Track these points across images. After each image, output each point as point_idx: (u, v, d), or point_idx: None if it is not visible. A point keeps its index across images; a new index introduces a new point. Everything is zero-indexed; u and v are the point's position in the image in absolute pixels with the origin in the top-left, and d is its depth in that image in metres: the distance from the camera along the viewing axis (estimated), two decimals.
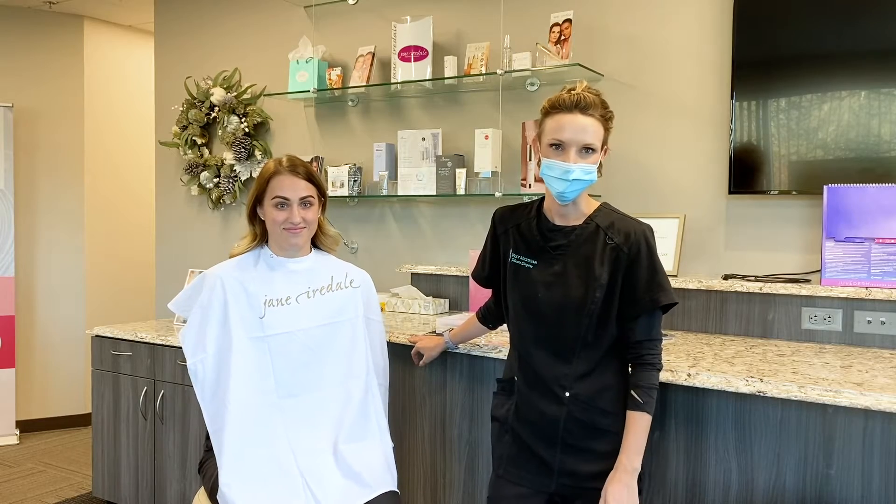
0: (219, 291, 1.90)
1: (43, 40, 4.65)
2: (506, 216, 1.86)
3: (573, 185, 1.64)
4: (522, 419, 1.78)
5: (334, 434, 1.92)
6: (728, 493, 1.90)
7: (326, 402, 1.93)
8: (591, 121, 1.63)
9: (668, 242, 2.61)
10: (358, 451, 1.92)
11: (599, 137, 1.65)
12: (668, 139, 2.75)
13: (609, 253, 1.67)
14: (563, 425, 1.71)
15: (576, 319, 1.69)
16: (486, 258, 1.92)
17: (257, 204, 1.95)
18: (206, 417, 1.87)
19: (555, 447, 1.73)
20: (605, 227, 1.70)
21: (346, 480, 1.86)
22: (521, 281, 1.77)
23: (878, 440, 1.72)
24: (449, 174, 3.01)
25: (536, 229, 1.77)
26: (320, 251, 2.06)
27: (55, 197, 4.70)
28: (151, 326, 3.12)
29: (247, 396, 1.85)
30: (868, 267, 2.30)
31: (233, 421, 1.83)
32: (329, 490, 1.83)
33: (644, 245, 1.66)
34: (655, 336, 1.70)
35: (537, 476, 1.75)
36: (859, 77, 2.36)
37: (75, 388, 4.75)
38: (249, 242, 1.99)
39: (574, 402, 1.70)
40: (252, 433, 1.84)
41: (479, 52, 3.02)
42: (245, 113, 3.68)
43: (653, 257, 1.67)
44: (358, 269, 2.09)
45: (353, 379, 1.97)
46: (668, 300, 1.66)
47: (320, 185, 1.96)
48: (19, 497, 3.54)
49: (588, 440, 1.70)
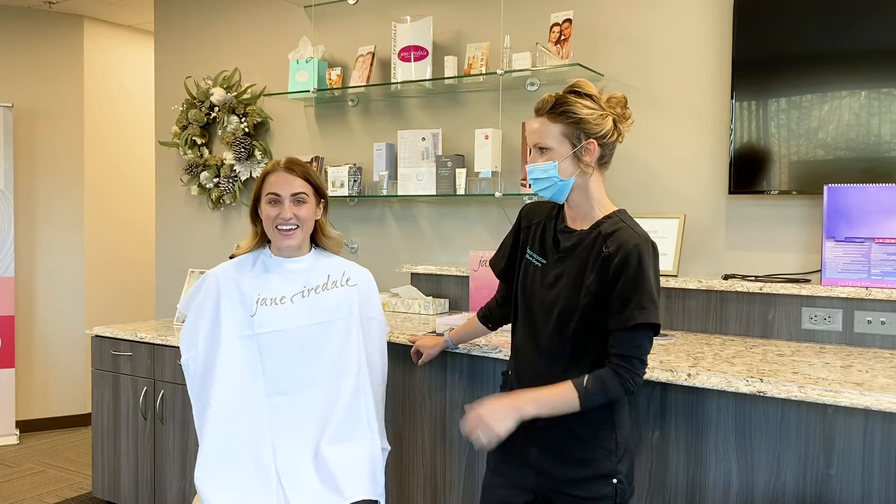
0: (213, 290, 1.95)
1: (43, 40, 4.65)
2: (532, 212, 1.86)
3: (535, 184, 1.68)
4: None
5: (319, 434, 1.93)
6: (728, 493, 1.90)
7: (314, 402, 1.94)
8: (540, 121, 1.66)
9: (668, 242, 2.61)
10: (340, 453, 1.92)
11: (551, 136, 1.64)
12: (668, 139, 2.75)
13: (601, 261, 1.63)
14: (543, 425, 1.67)
15: (564, 323, 1.67)
16: (506, 250, 1.91)
17: (257, 203, 1.97)
18: (194, 413, 1.93)
19: (534, 446, 1.72)
20: (606, 234, 1.66)
21: (322, 487, 1.87)
22: (528, 278, 1.78)
23: (878, 440, 1.72)
24: (449, 174, 3.01)
25: (553, 229, 1.77)
26: (321, 250, 2.06)
27: (55, 197, 4.70)
28: (151, 326, 3.12)
29: (232, 393, 1.89)
30: (868, 267, 2.30)
31: (214, 417, 1.87)
32: (303, 493, 1.85)
33: (634, 259, 1.58)
34: (633, 354, 1.59)
35: (518, 471, 1.76)
36: (859, 77, 2.36)
37: (75, 388, 4.76)
38: (251, 241, 2.02)
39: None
40: (233, 430, 1.88)
41: (479, 52, 3.02)
42: (245, 113, 3.68)
43: (641, 273, 1.58)
44: (359, 267, 2.08)
45: (343, 378, 1.97)
46: (644, 320, 1.56)
47: (318, 185, 1.96)
48: (19, 497, 3.54)
49: (565, 444, 1.68)
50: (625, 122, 1.69)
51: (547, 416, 1.61)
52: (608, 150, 1.68)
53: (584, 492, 1.66)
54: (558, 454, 1.69)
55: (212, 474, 1.85)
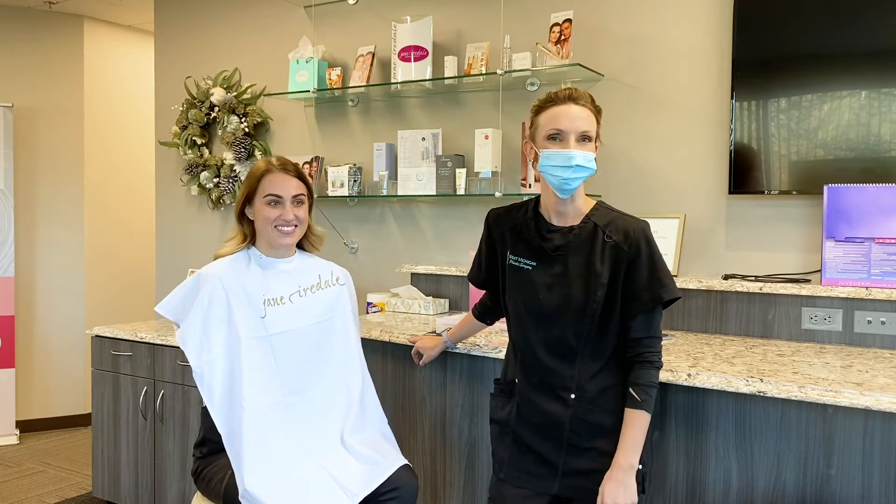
0: (220, 292, 1.89)
1: (43, 40, 4.65)
2: (500, 217, 1.85)
3: (576, 171, 1.63)
4: (525, 421, 1.78)
5: (340, 427, 1.96)
6: (728, 493, 1.90)
7: (330, 398, 1.97)
8: (585, 111, 1.67)
9: (668, 242, 2.61)
10: (363, 439, 1.97)
11: (594, 127, 1.68)
12: (668, 139, 2.75)
13: (609, 251, 1.67)
14: (569, 427, 1.71)
15: (578, 320, 1.69)
16: (482, 261, 1.91)
17: (247, 203, 1.96)
18: (216, 420, 1.83)
19: (560, 449, 1.73)
20: (604, 225, 1.70)
21: (363, 465, 1.90)
22: (522, 283, 1.77)
23: (878, 440, 1.72)
24: (449, 174, 3.01)
25: (535, 230, 1.76)
26: (303, 251, 2.09)
27: (55, 197, 4.70)
28: (151, 326, 3.12)
29: (259, 396, 1.86)
30: (868, 267, 2.30)
31: (250, 421, 1.81)
32: (351, 475, 1.87)
33: (644, 242, 1.67)
34: (654, 333, 1.69)
35: (540, 478, 1.75)
36: (859, 77, 2.36)
37: (75, 388, 4.75)
38: (239, 243, 1.99)
39: (579, 403, 1.71)
40: (269, 433, 1.85)
41: (479, 52, 3.02)
42: (245, 113, 3.68)
43: (653, 254, 1.68)
44: (339, 266, 2.14)
45: (350, 372, 2.03)
46: (671, 295, 1.67)
47: (310, 185, 2.00)
48: (19, 497, 3.54)
49: (593, 440, 1.71)
50: None
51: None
52: None
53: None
54: (586, 451, 1.71)
55: (263, 480, 1.77)
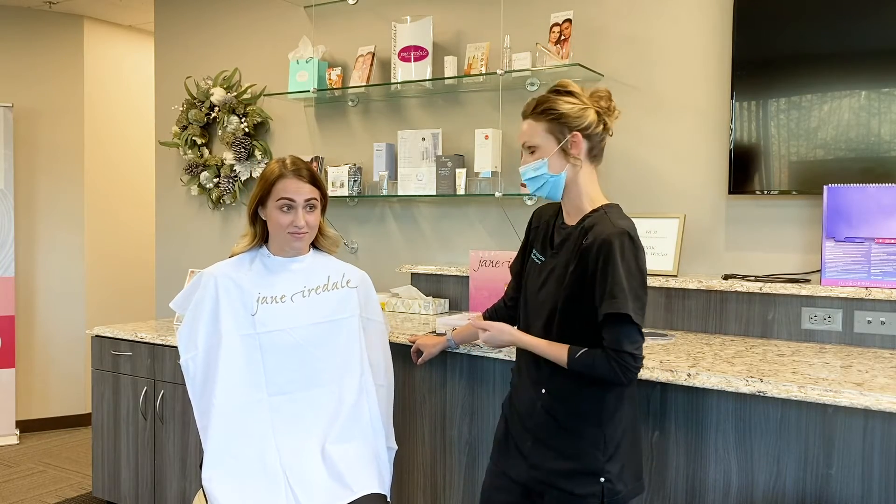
0: (210, 290, 1.93)
1: (43, 40, 4.65)
2: (541, 212, 1.90)
3: (530, 184, 1.74)
4: (513, 407, 1.84)
5: (324, 433, 1.93)
6: (728, 493, 1.90)
7: (318, 401, 1.94)
8: (527, 123, 1.72)
9: (668, 242, 2.61)
10: (345, 452, 1.92)
11: (537, 135, 1.69)
12: (668, 139, 2.75)
13: (581, 255, 1.64)
14: (535, 419, 1.74)
15: (549, 317, 1.71)
16: (520, 252, 1.97)
17: (259, 205, 1.96)
18: (195, 414, 1.90)
19: (527, 438, 1.76)
20: (588, 228, 1.67)
21: (331, 481, 1.87)
22: (530, 275, 1.83)
23: (878, 440, 1.72)
24: (449, 174, 3.01)
25: (553, 227, 1.80)
26: (319, 251, 2.07)
27: (55, 197, 4.70)
28: (151, 326, 3.12)
29: (234, 393, 1.87)
30: (868, 267, 2.30)
31: (218, 417, 1.85)
32: (311, 489, 1.84)
33: (604, 250, 1.58)
34: (621, 347, 1.57)
35: (513, 463, 1.79)
36: (859, 77, 2.36)
37: (75, 388, 4.75)
38: (249, 242, 2.01)
39: (546, 399, 1.72)
40: (237, 430, 1.87)
41: (479, 52, 3.02)
42: (245, 113, 3.68)
43: (613, 264, 1.57)
44: (357, 269, 2.09)
45: (347, 379, 1.98)
46: (613, 310, 1.55)
47: (323, 188, 1.98)
48: (19, 497, 3.54)
49: (556, 438, 1.71)
50: (611, 115, 1.71)
51: (535, 353, 1.72)
52: (595, 142, 1.71)
53: (570, 485, 1.66)
54: (548, 446, 1.72)
55: (220, 474, 1.83)
